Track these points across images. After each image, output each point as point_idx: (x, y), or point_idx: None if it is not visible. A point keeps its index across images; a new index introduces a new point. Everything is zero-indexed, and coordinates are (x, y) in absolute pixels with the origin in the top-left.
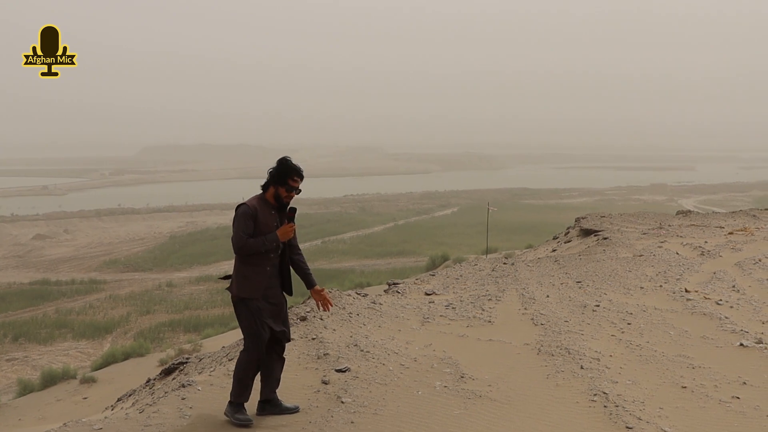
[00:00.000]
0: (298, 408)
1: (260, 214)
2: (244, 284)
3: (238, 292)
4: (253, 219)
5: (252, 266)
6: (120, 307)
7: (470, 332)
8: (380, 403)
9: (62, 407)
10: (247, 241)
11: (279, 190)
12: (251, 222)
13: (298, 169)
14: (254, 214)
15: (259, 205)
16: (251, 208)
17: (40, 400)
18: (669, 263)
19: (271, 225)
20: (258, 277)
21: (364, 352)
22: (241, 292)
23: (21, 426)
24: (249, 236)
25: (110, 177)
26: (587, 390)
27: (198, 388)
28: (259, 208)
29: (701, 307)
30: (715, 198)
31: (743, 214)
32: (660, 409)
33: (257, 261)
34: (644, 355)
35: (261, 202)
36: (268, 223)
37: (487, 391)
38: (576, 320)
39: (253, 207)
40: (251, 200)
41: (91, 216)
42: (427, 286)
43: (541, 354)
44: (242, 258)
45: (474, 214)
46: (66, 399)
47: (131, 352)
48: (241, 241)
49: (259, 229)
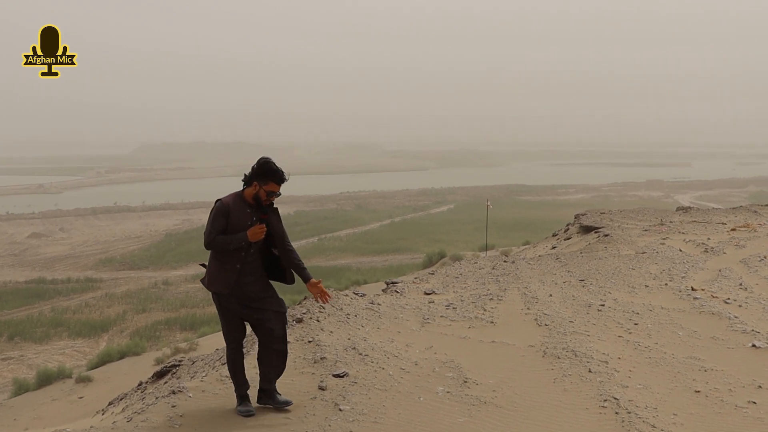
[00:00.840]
0: (290, 403)
1: (235, 211)
2: (213, 279)
3: (208, 285)
4: (226, 216)
5: (221, 262)
6: (116, 305)
7: (472, 334)
8: (380, 410)
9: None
10: (215, 237)
11: (260, 192)
12: (224, 219)
13: (280, 174)
14: (227, 211)
15: (235, 203)
16: (225, 205)
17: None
18: (673, 261)
19: (244, 223)
20: (226, 274)
21: (362, 356)
22: (210, 286)
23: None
24: (219, 233)
25: (106, 175)
26: (597, 395)
27: (189, 395)
28: (233, 205)
29: (709, 306)
30: (712, 194)
31: (744, 210)
32: (674, 416)
33: (226, 258)
34: (654, 358)
35: (237, 200)
36: (242, 221)
37: (492, 396)
38: (581, 320)
39: (227, 204)
40: (227, 197)
41: (86, 214)
42: (427, 285)
43: (546, 356)
44: (213, 253)
45: (470, 211)
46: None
47: (127, 350)
48: (209, 236)
49: (231, 227)
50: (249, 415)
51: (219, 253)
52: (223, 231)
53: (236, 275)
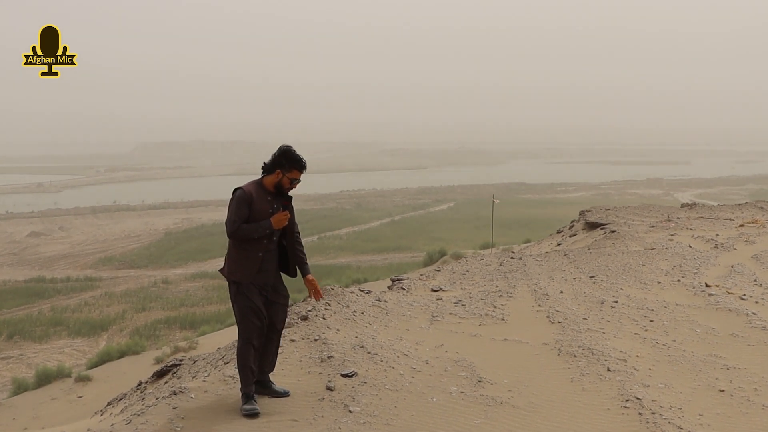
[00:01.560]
0: (287, 393)
1: (256, 199)
2: (235, 268)
3: (229, 275)
4: (249, 204)
5: (244, 251)
6: (115, 304)
7: (483, 331)
8: (392, 411)
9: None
10: (240, 226)
11: (282, 180)
12: (246, 208)
13: (303, 162)
14: (250, 199)
15: (256, 191)
16: (247, 193)
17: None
18: (683, 257)
19: (266, 211)
20: (249, 262)
21: (371, 355)
22: (231, 276)
23: (14, 426)
24: (243, 222)
25: (105, 174)
26: (617, 395)
27: (191, 396)
28: (255, 193)
29: (725, 302)
30: (711, 192)
31: (750, 206)
32: (700, 416)
33: (249, 246)
34: (673, 355)
35: (258, 188)
36: (264, 209)
37: (509, 397)
38: (595, 317)
39: (249, 192)
40: (248, 185)
41: (86, 213)
42: (433, 282)
43: (562, 355)
44: (235, 242)
45: (470, 209)
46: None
47: (127, 350)
48: (234, 225)
49: (254, 215)
50: (254, 415)
51: (241, 242)
52: (246, 220)
53: (259, 263)
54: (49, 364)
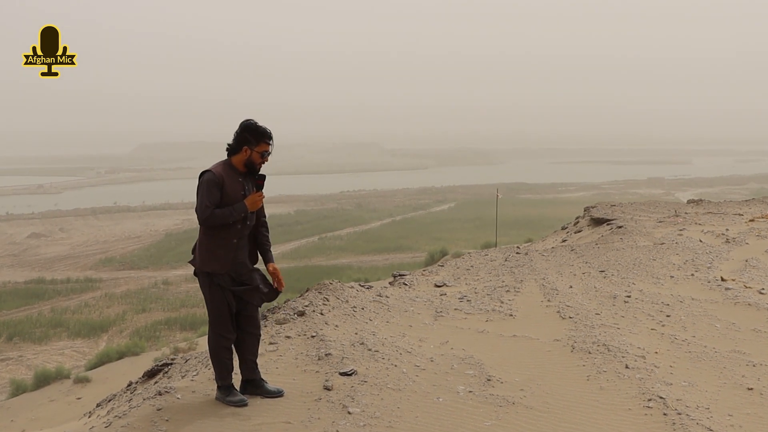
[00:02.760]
0: (282, 392)
1: (227, 181)
2: (208, 258)
3: (202, 266)
4: (220, 187)
5: (217, 239)
6: (115, 305)
7: (490, 327)
8: (395, 413)
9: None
10: (213, 211)
11: (252, 156)
12: (218, 191)
13: (268, 132)
14: (221, 181)
15: (226, 172)
16: (218, 175)
17: (33, 401)
18: (695, 251)
19: (238, 193)
20: (223, 251)
21: (372, 352)
22: (204, 266)
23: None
24: (215, 206)
25: (105, 175)
26: (638, 394)
27: (177, 396)
28: (225, 175)
29: (743, 296)
30: (712, 191)
31: (757, 202)
32: (729, 416)
33: (223, 233)
34: (694, 352)
35: (227, 169)
36: (236, 190)
37: (521, 396)
38: (608, 313)
39: (220, 174)
40: (216, 167)
41: (86, 214)
42: (437, 278)
43: (575, 351)
44: (207, 230)
45: (471, 209)
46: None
47: (126, 351)
48: (206, 211)
49: (225, 199)
50: (242, 405)
51: (213, 229)
52: (219, 204)
53: (233, 251)
54: (48, 365)
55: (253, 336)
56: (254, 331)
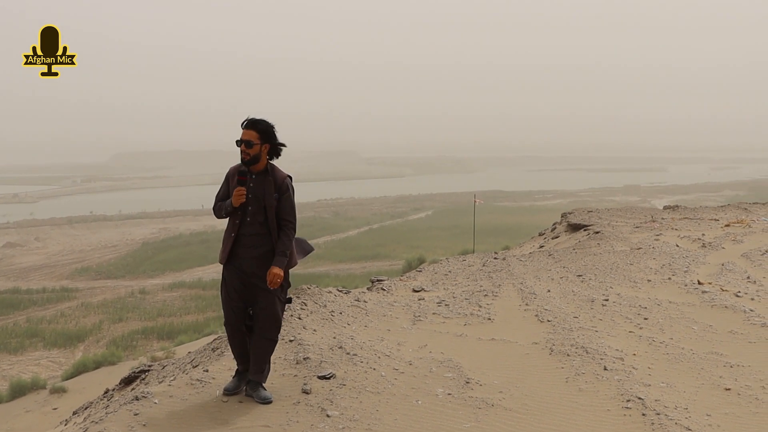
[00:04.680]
0: (269, 400)
1: (232, 177)
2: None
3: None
4: (227, 182)
5: (225, 231)
6: (92, 315)
7: (469, 331)
8: (374, 416)
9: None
10: (215, 204)
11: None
12: (225, 185)
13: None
14: (229, 176)
15: (235, 168)
16: (230, 171)
17: (8, 412)
18: (672, 255)
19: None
20: (224, 244)
21: (350, 356)
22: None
23: None
24: (221, 200)
25: (82, 184)
26: (617, 395)
27: (154, 401)
28: (234, 171)
29: (720, 299)
30: (688, 198)
31: (733, 208)
32: (708, 416)
33: (227, 227)
34: (672, 354)
35: (238, 165)
36: (234, 186)
37: (500, 398)
38: (586, 316)
39: (231, 170)
40: (235, 164)
41: (62, 223)
42: (415, 283)
43: (554, 354)
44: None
45: (448, 217)
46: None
47: (103, 360)
48: (213, 204)
49: (231, 193)
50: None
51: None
52: (224, 198)
53: (230, 245)
54: (24, 375)
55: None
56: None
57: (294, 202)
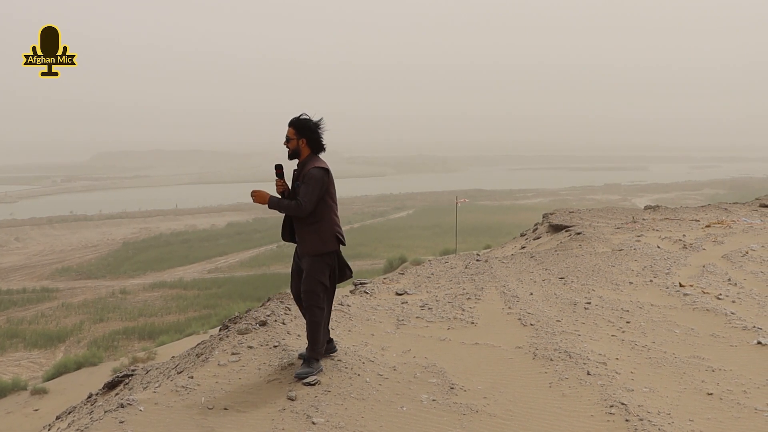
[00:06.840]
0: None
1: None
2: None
3: None
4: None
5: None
6: (73, 315)
7: (452, 335)
8: (359, 422)
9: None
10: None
11: None
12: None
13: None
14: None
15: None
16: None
17: None
18: (653, 257)
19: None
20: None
21: (334, 361)
22: None
23: None
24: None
25: (62, 184)
26: (600, 400)
27: (140, 409)
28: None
29: (702, 302)
30: (668, 197)
31: (714, 208)
32: (690, 422)
33: None
34: (654, 358)
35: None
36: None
37: (484, 404)
38: (569, 319)
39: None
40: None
41: (42, 223)
42: (397, 286)
43: (537, 359)
44: None
45: (429, 216)
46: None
47: (84, 361)
48: None
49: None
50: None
51: None
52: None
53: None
54: (4, 377)
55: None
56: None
57: (314, 188)
